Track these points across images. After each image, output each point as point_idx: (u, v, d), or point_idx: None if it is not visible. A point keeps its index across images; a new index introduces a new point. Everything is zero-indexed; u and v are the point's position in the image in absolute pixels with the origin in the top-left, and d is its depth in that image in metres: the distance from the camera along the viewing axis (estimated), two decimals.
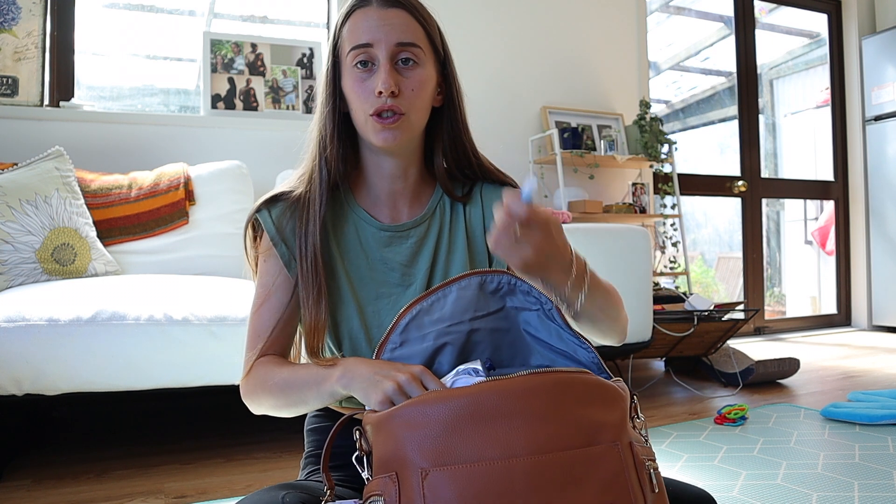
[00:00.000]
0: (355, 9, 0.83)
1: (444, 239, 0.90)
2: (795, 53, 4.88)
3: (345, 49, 0.83)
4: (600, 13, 3.45)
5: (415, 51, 0.82)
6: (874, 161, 4.12)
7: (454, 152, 0.91)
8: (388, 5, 0.82)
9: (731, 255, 4.65)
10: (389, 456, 0.62)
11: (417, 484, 0.58)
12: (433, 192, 0.93)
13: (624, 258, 2.22)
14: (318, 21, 2.97)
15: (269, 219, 0.86)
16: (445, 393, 0.62)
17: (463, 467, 0.58)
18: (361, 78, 0.82)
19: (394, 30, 0.81)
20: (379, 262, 0.87)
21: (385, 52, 0.80)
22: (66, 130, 2.32)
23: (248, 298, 1.68)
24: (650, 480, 0.62)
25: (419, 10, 0.84)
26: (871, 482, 1.43)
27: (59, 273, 1.86)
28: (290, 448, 1.77)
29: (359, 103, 0.82)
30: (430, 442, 0.59)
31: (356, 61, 0.82)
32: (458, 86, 0.90)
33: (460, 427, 0.59)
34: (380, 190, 0.90)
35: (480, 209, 0.93)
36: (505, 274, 0.77)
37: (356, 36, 0.81)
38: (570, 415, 0.61)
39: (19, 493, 1.44)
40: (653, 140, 3.14)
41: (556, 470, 0.58)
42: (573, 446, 0.60)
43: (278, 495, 0.69)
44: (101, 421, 2.09)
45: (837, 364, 3.00)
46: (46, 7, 2.32)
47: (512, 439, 0.58)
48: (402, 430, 0.61)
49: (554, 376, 0.63)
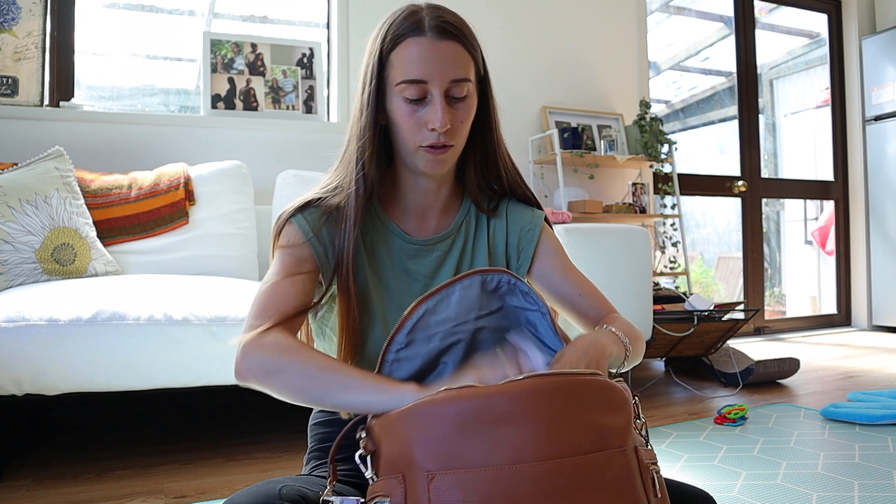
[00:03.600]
0: (407, 36, 0.80)
1: (467, 252, 0.92)
2: (795, 53, 4.88)
3: (394, 76, 0.81)
4: (600, 13, 3.45)
5: (466, 85, 0.82)
6: (874, 161, 4.12)
7: (485, 167, 0.92)
8: (442, 37, 0.80)
9: (731, 255, 4.65)
10: (397, 456, 0.61)
11: (423, 487, 0.58)
12: (461, 203, 0.95)
13: (624, 258, 2.22)
14: (318, 21, 2.97)
15: (304, 222, 0.84)
16: (455, 393, 0.61)
17: (469, 472, 0.57)
18: (413, 110, 0.81)
19: (449, 66, 0.79)
20: (403, 273, 0.88)
21: (439, 89, 0.79)
22: (66, 130, 2.32)
23: (247, 298, 1.68)
24: (654, 485, 0.62)
25: (469, 38, 0.83)
26: (871, 482, 1.43)
27: (59, 273, 1.86)
28: (290, 448, 1.77)
29: (409, 134, 0.82)
30: (438, 444, 0.59)
31: (406, 94, 0.80)
32: (494, 102, 0.91)
33: (468, 429, 0.59)
34: (411, 203, 0.91)
35: (504, 225, 0.94)
36: (505, 273, 0.77)
37: (408, 69, 0.79)
38: (579, 420, 0.61)
39: (19, 493, 1.44)
40: (653, 140, 3.14)
41: (564, 476, 0.57)
42: (581, 452, 0.59)
43: (275, 487, 0.69)
44: (101, 421, 2.09)
45: (837, 364, 3.00)
46: (46, 7, 2.32)
47: (520, 444, 0.58)
48: (410, 432, 0.61)
49: (563, 379, 0.62)
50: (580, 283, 0.92)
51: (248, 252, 2.25)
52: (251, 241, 2.28)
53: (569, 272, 0.93)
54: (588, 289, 0.92)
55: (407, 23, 0.80)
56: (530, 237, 0.94)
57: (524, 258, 0.94)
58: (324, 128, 2.74)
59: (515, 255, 0.94)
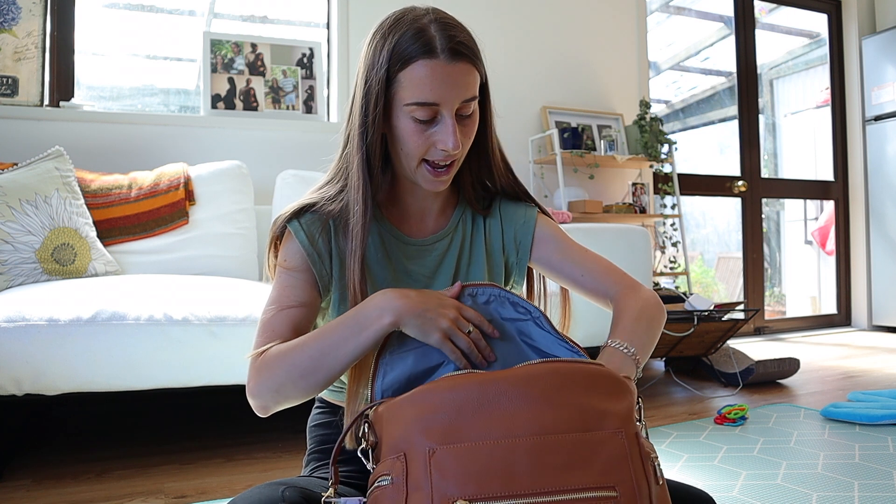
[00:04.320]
0: (418, 58, 0.77)
1: (465, 251, 0.92)
2: (795, 53, 4.88)
3: (403, 97, 0.78)
4: (600, 13, 3.45)
5: (474, 102, 0.82)
6: (874, 161, 4.12)
7: (478, 166, 0.93)
8: (454, 59, 0.78)
9: (731, 255, 4.65)
10: (398, 439, 0.63)
11: (424, 462, 0.59)
12: (457, 203, 0.95)
13: (624, 258, 2.22)
14: (318, 21, 2.97)
15: (301, 231, 0.83)
16: (451, 381, 0.64)
17: (468, 445, 0.59)
18: (421, 129, 0.80)
19: (461, 89, 0.79)
20: (403, 274, 0.88)
21: (451, 110, 0.79)
22: (66, 130, 2.32)
23: (247, 298, 1.68)
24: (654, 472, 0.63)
25: (477, 54, 0.82)
26: (871, 482, 1.43)
27: (59, 273, 1.86)
28: (290, 448, 1.77)
29: (414, 150, 0.81)
30: (438, 425, 0.61)
31: (417, 115, 0.79)
32: (491, 107, 0.91)
33: (467, 411, 0.61)
34: (410, 206, 0.91)
35: (499, 223, 0.95)
36: (493, 287, 0.79)
37: (421, 91, 0.77)
38: (573, 400, 0.62)
39: (19, 493, 1.44)
40: (653, 140, 3.14)
41: (558, 451, 0.59)
42: (575, 429, 0.61)
43: (278, 489, 0.69)
44: (101, 421, 2.09)
45: (837, 364, 3.00)
46: (46, 7, 2.32)
47: (515, 420, 0.60)
48: (411, 416, 0.63)
49: (554, 365, 0.65)
50: (582, 262, 0.91)
51: (248, 252, 2.25)
52: (251, 241, 2.28)
53: (569, 254, 0.92)
54: (590, 267, 0.91)
55: (417, 43, 0.77)
56: (525, 230, 0.94)
57: (523, 252, 0.94)
58: (324, 128, 2.74)
59: (514, 251, 0.94)
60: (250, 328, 1.61)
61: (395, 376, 0.73)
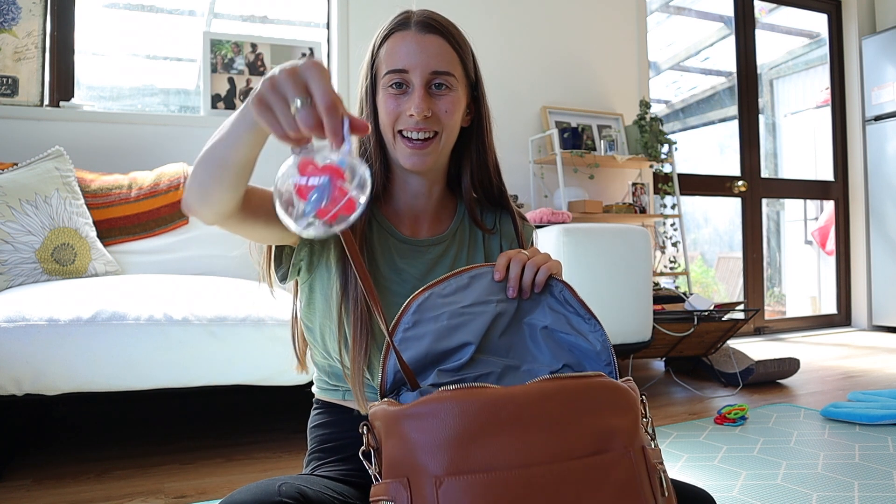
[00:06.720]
0: (394, 31, 0.86)
1: (461, 260, 0.92)
2: (795, 53, 4.88)
3: (381, 70, 0.86)
4: (600, 13, 3.45)
5: (448, 78, 0.85)
6: (874, 161, 4.12)
7: (479, 173, 0.94)
8: (425, 31, 0.84)
9: (731, 255, 4.65)
10: (400, 458, 0.61)
11: (431, 492, 0.57)
12: (454, 213, 0.96)
13: (624, 258, 2.22)
14: (318, 21, 2.97)
15: None
16: (458, 395, 0.60)
17: (479, 476, 0.57)
18: (394, 96, 0.84)
19: (430, 57, 0.84)
20: (394, 272, 0.88)
21: (420, 79, 0.83)
22: (66, 130, 2.32)
23: (247, 298, 1.68)
24: (661, 485, 0.63)
25: (455, 36, 0.87)
26: (871, 482, 1.43)
27: (59, 273, 1.86)
28: (290, 448, 1.77)
29: (388, 119, 0.85)
30: (444, 448, 0.58)
31: (391, 83, 0.84)
32: (486, 108, 0.93)
33: (476, 434, 0.58)
34: (403, 204, 0.92)
35: (499, 238, 0.97)
36: None
37: (393, 60, 0.84)
38: (585, 422, 0.61)
39: (19, 493, 1.44)
40: (653, 140, 3.14)
41: (573, 478, 0.58)
42: (588, 453, 0.60)
43: (275, 484, 0.69)
44: (101, 421, 2.09)
45: (837, 364, 3.00)
46: (46, 7, 2.32)
47: (528, 448, 0.58)
48: (413, 433, 0.60)
49: (568, 382, 0.63)
50: None
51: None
52: None
53: None
54: None
55: (396, 21, 0.86)
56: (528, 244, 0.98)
57: None
58: None
59: None
60: (250, 328, 1.62)
61: (411, 356, 0.71)
